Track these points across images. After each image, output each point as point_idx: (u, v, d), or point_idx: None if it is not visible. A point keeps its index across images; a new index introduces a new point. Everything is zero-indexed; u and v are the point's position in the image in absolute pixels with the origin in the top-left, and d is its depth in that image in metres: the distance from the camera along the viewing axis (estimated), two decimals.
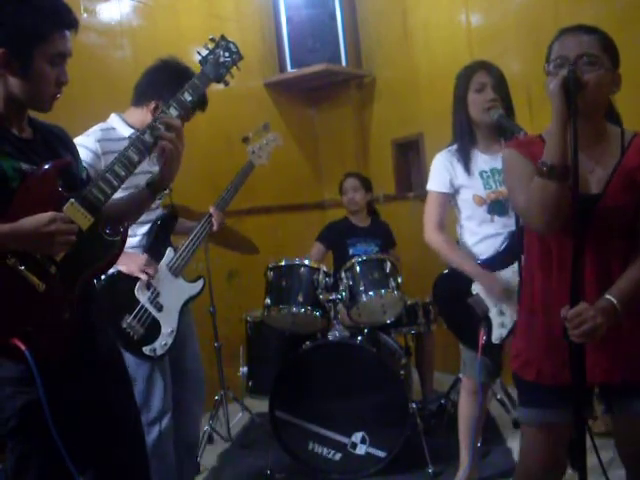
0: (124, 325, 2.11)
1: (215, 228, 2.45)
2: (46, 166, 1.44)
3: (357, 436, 2.79)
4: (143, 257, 2.20)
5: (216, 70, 1.77)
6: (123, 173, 1.51)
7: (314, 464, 2.83)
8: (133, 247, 2.24)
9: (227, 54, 1.79)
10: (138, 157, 1.54)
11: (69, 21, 1.47)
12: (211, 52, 1.78)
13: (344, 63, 4.42)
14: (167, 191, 1.70)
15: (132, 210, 1.70)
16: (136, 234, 2.25)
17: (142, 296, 2.17)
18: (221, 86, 1.83)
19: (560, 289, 1.58)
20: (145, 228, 2.27)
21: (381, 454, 2.76)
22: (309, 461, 2.83)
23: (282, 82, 4.47)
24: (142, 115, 2.27)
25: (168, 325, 2.21)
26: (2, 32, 1.39)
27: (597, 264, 1.55)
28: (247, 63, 4.16)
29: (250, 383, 3.23)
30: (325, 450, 2.81)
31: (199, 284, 2.38)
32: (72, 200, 1.44)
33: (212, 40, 1.79)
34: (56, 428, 1.37)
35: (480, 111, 2.32)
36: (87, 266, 1.52)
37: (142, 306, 2.16)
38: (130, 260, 2.16)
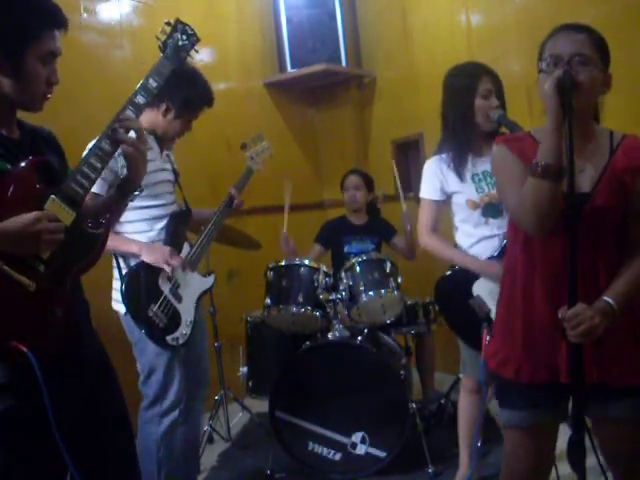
0: (150, 314, 2.17)
1: (236, 204, 2.63)
2: (22, 164, 1.42)
3: (357, 436, 2.79)
4: (166, 248, 2.26)
5: (176, 54, 1.76)
6: (99, 165, 1.51)
7: (314, 464, 2.83)
8: (152, 241, 2.30)
9: (185, 37, 1.79)
10: (112, 148, 1.55)
11: (59, 21, 1.47)
12: (169, 36, 1.78)
13: (344, 63, 4.42)
14: (138, 192, 1.68)
15: (108, 209, 1.66)
16: (154, 229, 2.32)
17: (165, 287, 2.26)
18: (221, 85, 1.83)
19: (542, 288, 1.58)
20: (162, 223, 2.34)
21: (381, 454, 2.76)
22: (309, 461, 2.83)
23: (282, 82, 4.46)
24: (153, 117, 2.35)
25: (187, 315, 2.31)
26: None
27: (584, 264, 1.52)
28: (247, 63, 4.25)
29: (250, 383, 3.23)
30: (325, 450, 2.81)
31: (211, 278, 2.52)
32: (53, 196, 1.42)
33: (168, 24, 1.80)
34: (59, 433, 1.33)
35: (484, 117, 2.33)
36: (75, 261, 1.50)
37: (165, 296, 2.24)
38: (154, 251, 2.24)
